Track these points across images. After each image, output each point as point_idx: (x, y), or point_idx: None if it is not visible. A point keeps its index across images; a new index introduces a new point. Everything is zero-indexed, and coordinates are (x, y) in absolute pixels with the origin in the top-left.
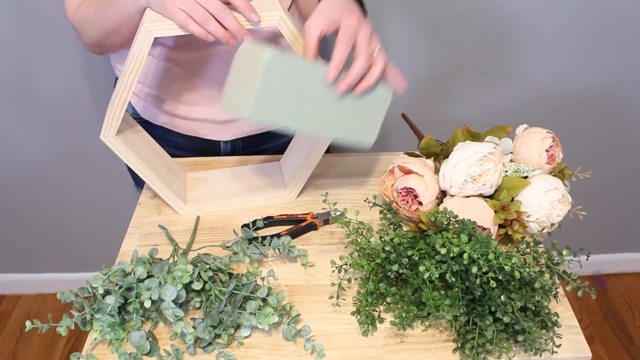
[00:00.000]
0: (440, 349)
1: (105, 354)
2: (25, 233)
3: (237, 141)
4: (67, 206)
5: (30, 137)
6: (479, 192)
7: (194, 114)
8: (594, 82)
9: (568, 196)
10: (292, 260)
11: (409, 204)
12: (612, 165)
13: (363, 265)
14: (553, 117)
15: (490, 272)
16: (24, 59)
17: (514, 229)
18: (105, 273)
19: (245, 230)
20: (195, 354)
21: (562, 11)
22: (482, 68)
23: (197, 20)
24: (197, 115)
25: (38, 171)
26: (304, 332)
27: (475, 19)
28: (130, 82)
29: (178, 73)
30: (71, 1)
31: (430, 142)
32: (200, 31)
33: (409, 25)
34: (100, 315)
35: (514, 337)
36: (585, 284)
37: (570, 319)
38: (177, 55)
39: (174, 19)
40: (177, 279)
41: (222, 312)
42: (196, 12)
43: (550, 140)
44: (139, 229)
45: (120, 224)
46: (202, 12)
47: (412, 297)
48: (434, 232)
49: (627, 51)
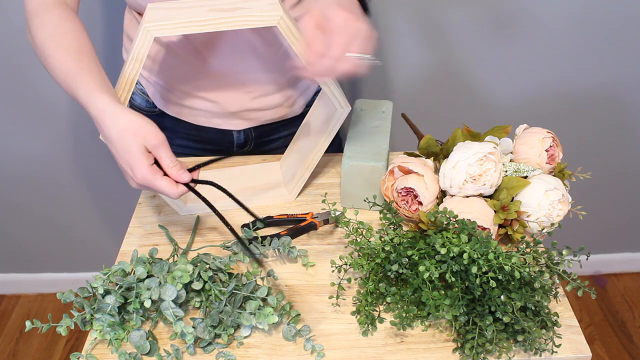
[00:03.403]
0: (440, 349)
1: (105, 354)
2: (25, 233)
3: (250, 130)
4: (67, 206)
5: (30, 137)
6: (479, 192)
7: (205, 105)
8: (594, 82)
9: (568, 196)
10: (292, 260)
11: (409, 204)
12: (612, 165)
13: (363, 265)
14: (553, 117)
15: (490, 272)
16: (24, 58)
17: (514, 228)
18: (105, 273)
19: (245, 230)
20: (195, 354)
21: (562, 11)
22: (482, 68)
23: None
24: (206, 106)
25: (38, 171)
26: (303, 332)
27: (475, 18)
28: (130, 83)
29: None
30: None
31: (430, 142)
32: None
33: (408, 25)
34: (100, 315)
35: (514, 337)
36: (585, 284)
37: (570, 319)
38: (182, 48)
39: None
40: (177, 278)
41: (222, 312)
42: (132, 183)
43: (550, 140)
44: (139, 229)
45: (120, 224)
46: (136, 184)
47: (412, 297)
48: (433, 232)
49: (627, 51)
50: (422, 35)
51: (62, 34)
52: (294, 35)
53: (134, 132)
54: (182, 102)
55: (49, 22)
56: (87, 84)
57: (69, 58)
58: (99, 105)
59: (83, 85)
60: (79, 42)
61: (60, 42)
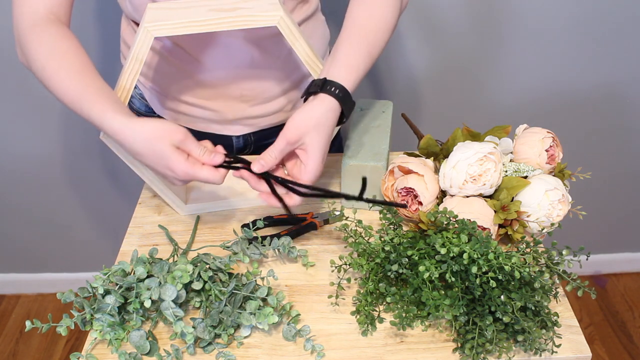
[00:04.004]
0: (440, 349)
1: (105, 353)
2: (25, 233)
3: (249, 135)
4: (67, 206)
5: (30, 137)
6: (479, 192)
7: (202, 113)
8: (593, 82)
9: (568, 196)
10: (292, 260)
11: (409, 204)
12: (612, 165)
13: (363, 265)
14: (553, 117)
15: (490, 272)
16: None
17: (514, 228)
18: (105, 273)
19: (245, 230)
20: (195, 354)
21: (561, 11)
22: (482, 68)
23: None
24: (203, 114)
25: (38, 171)
26: (303, 332)
27: (475, 18)
28: (130, 83)
29: (180, 72)
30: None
31: (430, 142)
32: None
33: (408, 25)
34: (100, 315)
35: (514, 337)
36: (585, 284)
37: (570, 319)
38: (175, 57)
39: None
40: (177, 278)
41: (222, 312)
42: (176, 182)
43: (550, 140)
44: (139, 229)
45: (120, 224)
46: (180, 181)
47: (412, 297)
48: (433, 232)
49: (627, 51)
50: (422, 35)
51: (62, 54)
52: (294, 35)
53: (159, 137)
54: (179, 109)
55: (46, 42)
56: (97, 105)
57: (73, 79)
58: (115, 127)
59: (94, 107)
60: (80, 61)
61: (61, 63)
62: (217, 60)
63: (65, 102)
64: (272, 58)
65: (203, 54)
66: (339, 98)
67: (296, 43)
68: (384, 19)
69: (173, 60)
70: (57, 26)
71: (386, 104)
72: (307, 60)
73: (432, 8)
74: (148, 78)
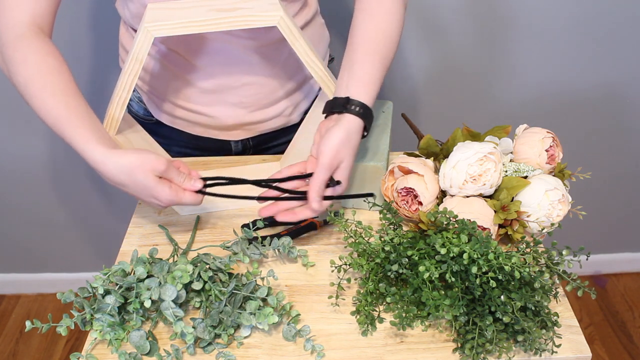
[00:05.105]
0: (440, 349)
1: (105, 354)
2: (25, 233)
3: (248, 140)
4: (67, 206)
5: (30, 137)
6: (479, 192)
7: (200, 119)
8: (593, 81)
9: (568, 196)
10: (292, 260)
11: (409, 204)
12: (612, 165)
13: (362, 265)
14: (553, 117)
15: (490, 272)
16: None
17: (514, 228)
18: (105, 273)
19: (245, 230)
20: (195, 354)
21: (561, 11)
22: (482, 68)
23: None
24: (201, 120)
25: (38, 171)
26: (303, 332)
27: (475, 18)
28: (130, 83)
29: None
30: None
31: (430, 142)
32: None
33: (408, 25)
34: (100, 315)
35: (514, 337)
36: (585, 284)
37: (570, 319)
38: (171, 62)
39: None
40: (177, 278)
41: (222, 312)
42: (160, 207)
43: (550, 140)
44: (139, 229)
45: (120, 224)
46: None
47: (412, 297)
48: (433, 232)
49: (627, 51)
50: (422, 35)
51: (46, 74)
52: (294, 35)
53: (141, 169)
54: (176, 114)
55: (30, 58)
56: (79, 133)
57: (56, 101)
58: (97, 159)
59: (76, 135)
60: (64, 82)
61: (45, 83)
62: (214, 66)
63: (46, 122)
64: (271, 64)
65: (199, 60)
66: (362, 116)
67: (296, 43)
68: (392, 29)
69: (168, 65)
70: (41, 40)
71: (386, 104)
72: (307, 61)
73: (432, 8)
74: (145, 82)
